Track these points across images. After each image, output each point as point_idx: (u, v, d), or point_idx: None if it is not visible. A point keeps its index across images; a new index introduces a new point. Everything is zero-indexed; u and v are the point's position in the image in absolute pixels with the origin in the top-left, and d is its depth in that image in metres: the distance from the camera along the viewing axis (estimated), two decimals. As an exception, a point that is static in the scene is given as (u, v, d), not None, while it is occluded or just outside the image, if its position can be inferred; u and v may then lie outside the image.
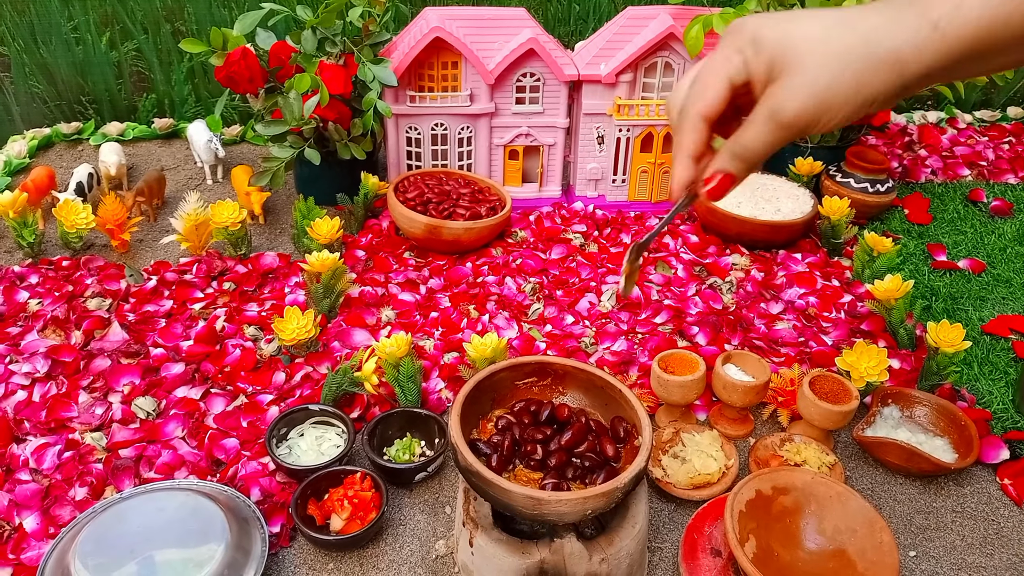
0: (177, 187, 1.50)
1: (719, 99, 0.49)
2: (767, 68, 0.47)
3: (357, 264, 1.26)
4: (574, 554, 0.70)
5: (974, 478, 0.91)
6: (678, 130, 0.51)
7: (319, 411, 0.92)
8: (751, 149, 0.49)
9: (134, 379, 0.99)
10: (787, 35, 0.46)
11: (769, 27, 0.46)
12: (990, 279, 1.27)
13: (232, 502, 0.81)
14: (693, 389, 0.91)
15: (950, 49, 0.43)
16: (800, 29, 0.45)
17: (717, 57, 0.48)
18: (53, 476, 0.87)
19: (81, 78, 1.89)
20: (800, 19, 0.46)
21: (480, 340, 0.96)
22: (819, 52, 0.45)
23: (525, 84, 1.36)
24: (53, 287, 1.17)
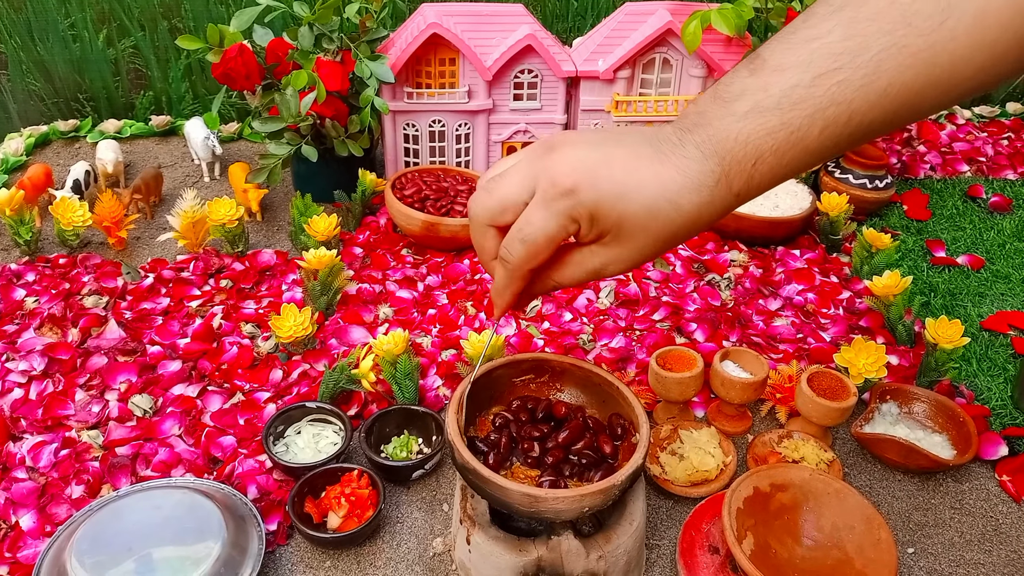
0: (174, 184, 1.50)
1: (549, 256, 0.55)
2: (598, 234, 0.53)
3: (355, 261, 1.26)
4: (571, 552, 0.70)
5: (972, 474, 0.91)
6: (506, 276, 0.56)
7: (316, 409, 0.92)
8: (564, 285, 0.58)
9: (131, 377, 0.99)
10: (623, 215, 0.51)
11: (607, 205, 0.50)
12: (989, 275, 1.27)
13: (229, 500, 0.80)
14: (691, 386, 0.91)
15: (745, 201, 0.53)
16: (634, 206, 0.50)
17: (554, 223, 0.52)
18: (49, 474, 0.86)
19: (78, 75, 1.89)
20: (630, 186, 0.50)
21: (477, 338, 0.96)
22: (648, 231, 0.51)
23: (523, 80, 1.36)
24: (50, 285, 1.17)
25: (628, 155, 0.51)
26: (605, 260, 0.54)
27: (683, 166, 0.50)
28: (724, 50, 1.35)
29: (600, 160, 0.51)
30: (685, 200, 0.50)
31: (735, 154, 0.48)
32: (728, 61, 1.35)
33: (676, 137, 0.51)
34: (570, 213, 0.51)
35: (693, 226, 0.52)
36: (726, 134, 0.49)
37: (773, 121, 0.47)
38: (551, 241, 0.53)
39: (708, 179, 0.49)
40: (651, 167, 0.50)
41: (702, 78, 1.36)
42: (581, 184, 0.50)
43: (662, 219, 0.51)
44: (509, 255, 0.54)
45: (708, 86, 1.38)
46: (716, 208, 0.51)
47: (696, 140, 0.50)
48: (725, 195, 0.50)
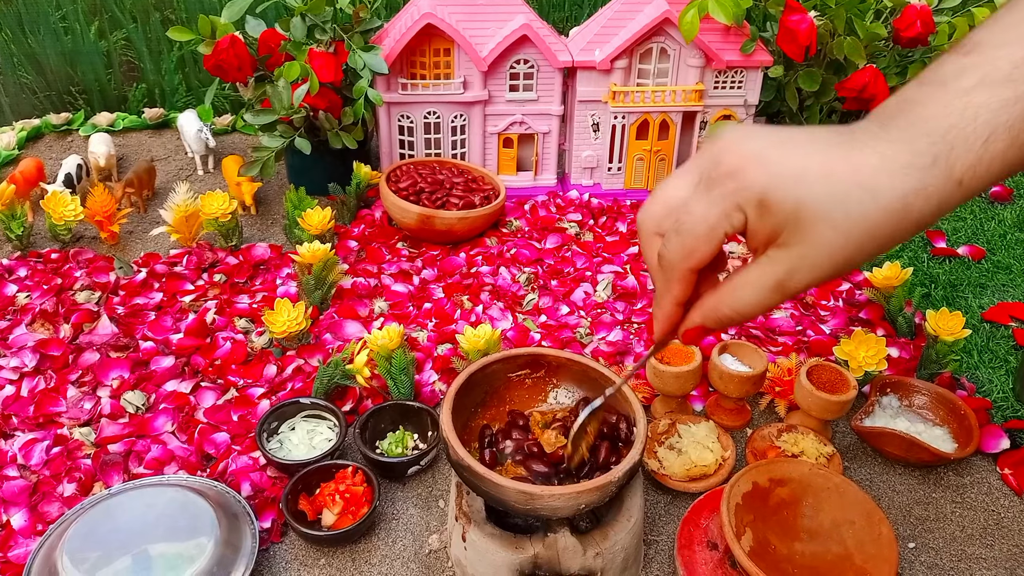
0: (168, 178, 1.48)
1: (712, 254, 0.44)
2: (771, 230, 0.41)
3: (349, 255, 1.24)
4: (568, 549, 0.69)
5: (974, 468, 0.90)
6: (664, 280, 0.46)
7: (310, 404, 0.91)
8: (744, 314, 0.45)
9: (123, 373, 0.98)
10: (800, 202, 0.40)
11: (780, 188, 0.40)
12: (990, 266, 1.26)
13: (222, 498, 0.80)
14: (689, 380, 0.90)
15: (972, 194, 0.41)
16: (813, 191, 0.40)
17: (715, 210, 0.42)
18: (41, 472, 0.85)
19: (70, 68, 1.87)
20: (810, 168, 0.40)
21: (473, 331, 0.95)
22: (837, 223, 0.40)
23: (519, 71, 1.34)
24: (42, 280, 1.16)
25: (809, 139, 0.41)
26: (788, 267, 0.42)
27: (885, 150, 0.40)
28: (722, 39, 1.34)
29: (774, 142, 0.41)
30: (886, 185, 0.39)
31: (960, 129, 0.39)
32: (726, 50, 1.34)
33: (876, 126, 0.41)
34: (735, 198, 0.41)
35: (900, 221, 0.40)
36: (946, 111, 0.39)
37: (1006, 93, 0.38)
38: (711, 232, 0.43)
39: (919, 159, 0.39)
40: (839, 151, 0.40)
41: (700, 67, 1.35)
42: (748, 164, 0.41)
43: (854, 209, 0.39)
44: (665, 252, 0.45)
45: (705, 75, 1.36)
46: (932, 198, 0.39)
47: (903, 123, 0.40)
48: (943, 182, 0.39)
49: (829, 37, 1.40)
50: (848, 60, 1.39)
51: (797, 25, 1.33)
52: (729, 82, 1.38)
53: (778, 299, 0.43)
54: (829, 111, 1.48)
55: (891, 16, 1.41)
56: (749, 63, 1.36)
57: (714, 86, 1.38)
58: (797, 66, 1.44)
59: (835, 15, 1.37)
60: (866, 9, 1.39)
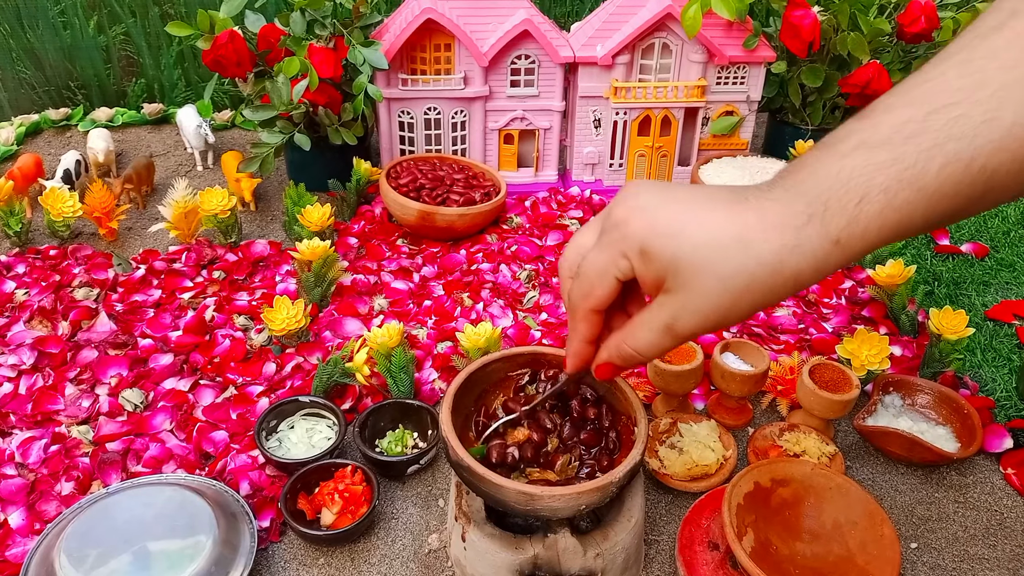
0: (167, 174, 1.48)
1: (607, 296, 0.49)
2: (656, 277, 0.45)
3: (349, 252, 1.24)
4: (568, 549, 0.69)
5: (977, 468, 0.89)
6: (572, 318, 0.52)
7: (309, 403, 0.91)
8: (642, 352, 0.49)
9: (122, 371, 0.98)
10: (678, 252, 0.43)
11: (657, 238, 0.43)
12: (993, 263, 1.25)
13: (220, 497, 0.79)
14: (691, 378, 0.89)
15: (854, 255, 0.42)
16: (690, 241, 0.42)
17: (603, 256, 0.47)
18: (39, 471, 0.85)
19: (69, 63, 1.86)
20: (691, 222, 0.43)
21: (473, 329, 0.94)
22: (713, 273, 0.42)
23: (520, 67, 1.33)
24: (40, 277, 1.15)
25: (696, 196, 0.44)
26: (672, 312, 0.45)
27: (764, 207, 0.42)
28: (724, 35, 1.33)
29: (663, 197, 0.45)
30: (760, 239, 0.41)
31: (834, 191, 0.40)
32: (729, 46, 1.33)
33: (766, 185, 0.44)
34: (620, 246, 0.46)
35: (775, 276, 0.42)
36: (824, 173, 0.41)
37: (882, 156, 0.40)
38: (602, 276, 0.47)
39: (793, 219, 0.41)
40: (723, 207, 0.43)
41: (702, 63, 1.34)
42: (633, 217, 0.45)
43: (730, 261, 0.42)
44: (570, 294, 0.51)
45: (708, 71, 1.35)
46: (807, 255, 0.41)
47: (787, 184, 0.42)
48: (819, 240, 0.41)
49: (833, 32, 1.39)
50: (852, 56, 1.38)
51: (800, 20, 1.32)
52: (732, 78, 1.37)
53: (670, 341, 0.47)
54: (832, 107, 1.47)
55: (895, 11, 1.40)
56: (752, 59, 1.35)
57: (716, 82, 1.37)
58: (800, 62, 1.43)
59: (839, 10, 1.36)
60: (870, 4, 1.38)
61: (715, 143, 1.43)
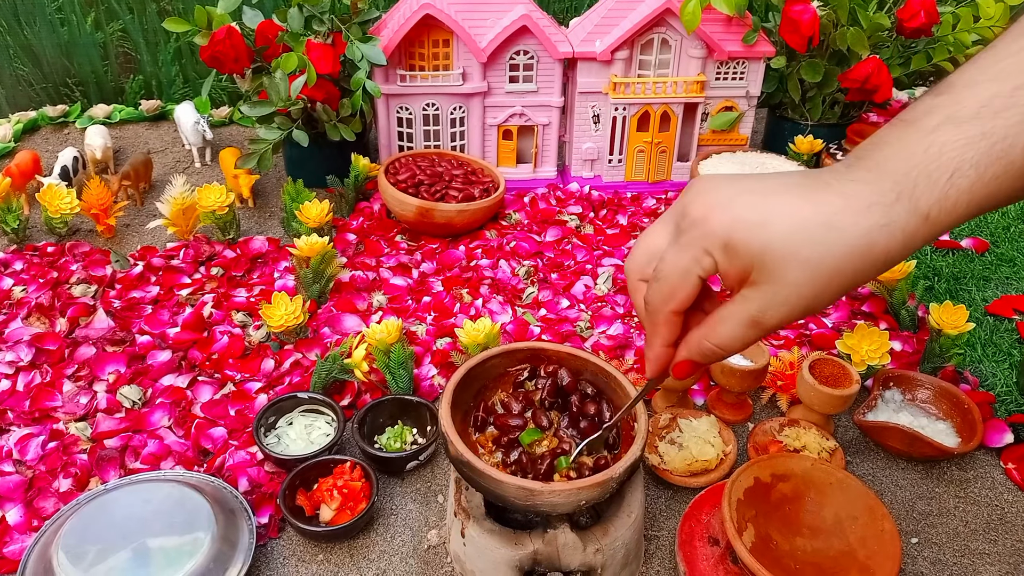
0: (165, 170, 1.47)
1: (690, 297, 0.47)
2: (741, 271, 0.44)
3: (348, 248, 1.23)
4: (568, 545, 0.68)
5: (977, 463, 0.89)
6: (651, 323, 0.49)
7: (308, 399, 0.90)
8: (725, 348, 0.47)
9: (119, 367, 0.97)
10: (765, 243, 0.42)
11: (743, 231, 0.42)
12: (993, 258, 1.25)
13: (219, 493, 0.79)
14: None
15: (941, 230, 0.41)
16: (777, 231, 0.42)
17: (685, 256, 0.45)
18: (37, 467, 0.85)
19: (67, 59, 1.86)
20: (774, 211, 0.42)
21: (472, 325, 0.94)
22: (803, 261, 0.41)
23: (519, 62, 1.33)
24: (38, 274, 1.15)
25: (772, 185, 0.43)
26: (760, 305, 0.44)
27: (848, 189, 0.41)
28: (724, 30, 1.33)
29: (740, 188, 0.44)
30: (849, 222, 0.40)
31: (924, 167, 0.40)
32: (728, 41, 1.33)
33: (843, 166, 0.43)
34: (702, 244, 0.44)
35: (865, 257, 0.41)
36: (911, 150, 0.40)
37: (972, 131, 0.39)
38: (684, 277, 0.45)
39: (882, 197, 0.40)
40: (806, 193, 0.42)
41: (701, 59, 1.33)
42: (713, 211, 0.43)
43: (820, 247, 0.41)
44: (648, 298, 0.48)
45: (707, 66, 1.35)
46: (896, 234, 0.40)
47: (868, 164, 0.42)
48: (908, 217, 0.40)
49: (832, 27, 1.38)
50: (851, 51, 1.38)
51: (800, 15, 1.32)
52: (731, 73, 1.37)
53: (755, 334, 0.45)
54: (832, 102, 1.47)
55: (894, 6, 1.39)
56: (751, 54, 1.35)
57: (716, 77, 1.37)
58: (800, 57, 1.42)
59: (838, 5, 1.36)
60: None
61: (714, 139, 1.43)
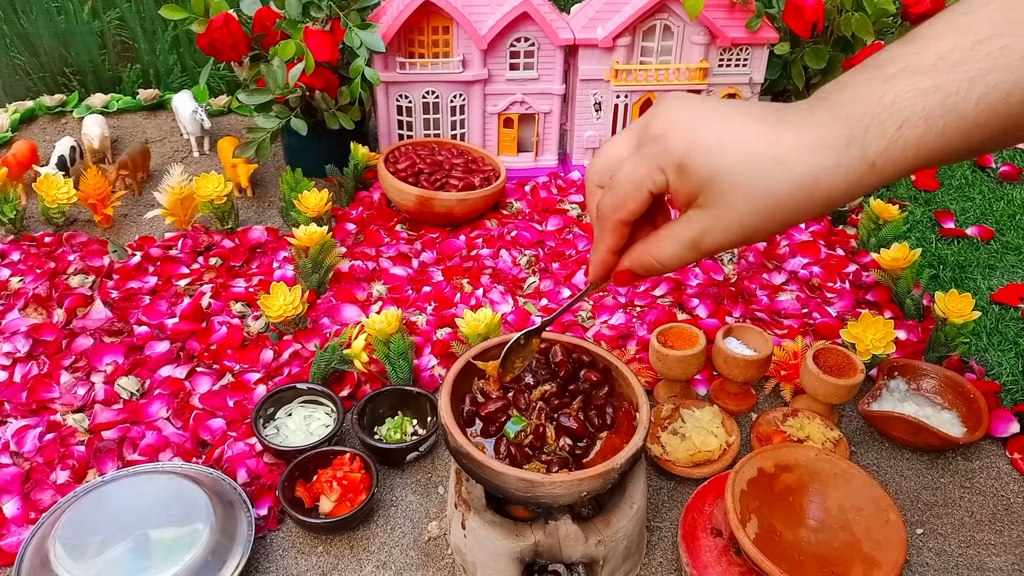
0: (163, 160, 1.46)
1: (639, 209, 0.49)
2: (690, 192, 0.45)
3: (347, 238, 1.22)
4: (569, 536, 0.68)
5: (983, 452, 0.88)
6: (599, 229, 0.52)
7: (307, 390, 0.90)
8: (664, 264, 0.50)
9: (117, 358, 0.97)
10: (716, 167, 0.43)
11: (698, 154, 0.44)
12: (999, 247, 1.24)
13: (217, 485, 0.78)
14: (693, 364, 0.88)
15: (887, 179, 0.43)
16: (729, 159, 0.43)
17: (639, 169, 0.47)
18: (34, 459, 0.84)
19: (64, 49, 1.84)
20: (730, 139, 0.43)
21: (473, 315, 0.93)
22: (749, 191, 0.43)
23: (519, 49, 1.31)
24: (35, 264, 1.14)
25: (739, 113, 0.44)
26: (701, 227, 0.46)
27: (803, 125, 0.42)
28: (727, 16, 1.31)
29: (704, 112, 0.45)
30: (799, 160, 0.42)
31: (876, 115, 0.41)
32: (731, 27, 1.31)
33: (805, 105, 0.44)
34: (657, 160, 0.45)
35: (810, 196, 0.42)
36: (867, 96, 0.41)
37: (926, 82, 0.40)
38: (636, 189, 0.47)
39: (832, 141, 0.41)
40: (763, 126, 0.43)
41: (704, 45, 1.32)
42: (673, 130, 0.45)
43: (767, 180, 0.42)
44: (600, 205, 0.50)
45: (710, 53, 1.33)
46: (842, 177, 0.42)
47: (828, 105, 0.43)
48: (856, 163, 0.41)
49: (836, 13, 1.36)
50: (856, 36, 1.36)
51: (804, 1, 1.30)
52: (734, 60, 1.35)
53: (693, 255, 0.48)
54: (836, 89, 1.45)
55: (900, -9, 1.38)
56: (755, 40, 1.33)
57: (719, 64, 1.35)
58: (804, 43, 1.41)
59: (843, -10, 1.34)
60: (874, -16, 1.35)
61: (717, 126, 1.41)
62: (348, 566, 0.75)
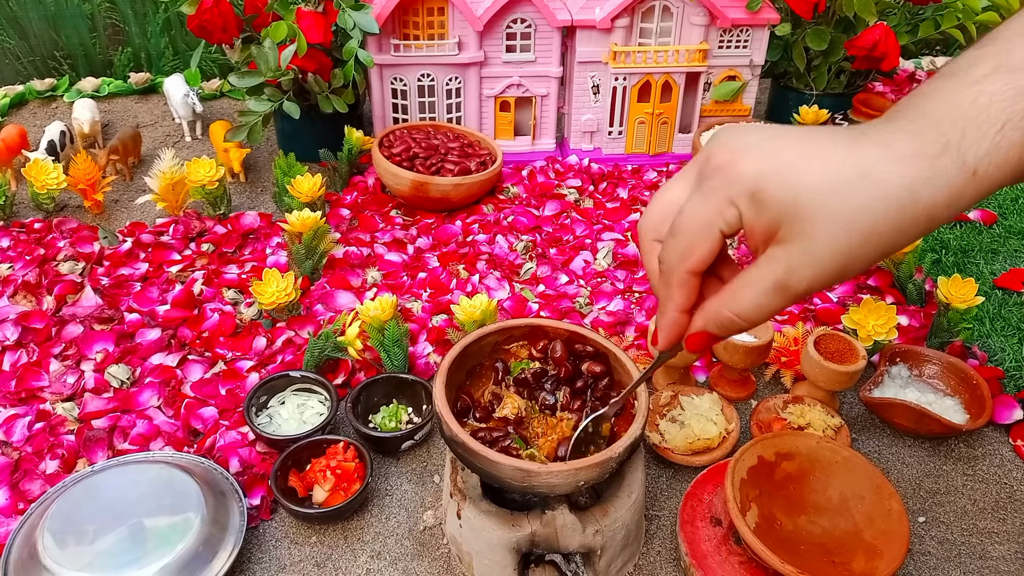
0: (155, 144, 1.44)
1: (711, 253, 0.42)
2: (769, 226, 0.39)
3: (342, 223, 1.21)
4: (566, 526, 0.67)
5: (986, 439, 0.87)
6: (664, 286, 0.44)
7: (301, 378, 0.88)
8: (746, 317, 0.42)
9: (107, 346, 0.95)
10: (796, 193, 0.38)
11: (773, 179, 0.38)
12: (1002, 231, 1.22)
13: (209, 474, 0.77)
14: (692, 350, 0.86)
15: (989, 188, 0.38)
16: (809, 180, 0.37)
17: (707, 206, 0.40)
18: (23, 449, 0.83)
19: (54, 32, 1.81)
20: (806, 162, 0.38)
21: (469, 302, 0.92)
22: (837, 215, 0.37)
23: (516, 31, 1.29)
24: (24, 251, 1.12)
25: (807, 133, 0.39)
26: (787, 265, 0.39)
27: (890, 139, 0.38)
28: (727, -4, 1.29)
29: (768, 137, 0.40)
30: (889, 174, 0.37)
31: (972, 118, 0.37)
32: (732, 8, 1.29)
33: (881, 120, 0.39)
34: (727, 192, 0.39)
35: (907, 213, 0.37)
36: (957, 99, 0.37)
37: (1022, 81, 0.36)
38: (706, 230, 0.41)
39: (927, 148, 0.37)
40: (839, 142, 0.38)
41: (704, 26, 1.29)
42: (739, 157, 0.39)
43: (856, 199, 0.37)
44: (663, 255, 0.43)
45: (710, 34, 1.31)
46: (942, 188, 0.37)
47: (912, 114, 0.38)
48: (955, 171, 0.36)
49: (839, -7, 1.34)
50: (858, 17, 1.34)
51: (806, -20, 1.28)
52: (734, 41, 1.33)
53: (780, 301, 0.41)
54: (838, 71, 1.43)
55: (904, -29, 1.35)
56: (755, 21, 1.31)
57: (719, 45, 1.33)
58: (805, 24, 1.38)
59: (845, -30, 1.32)
60: (878, -37, 1.33)
61: (717, 109, 1.39)
62: (342, 556, 0.74)
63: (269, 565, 0.74)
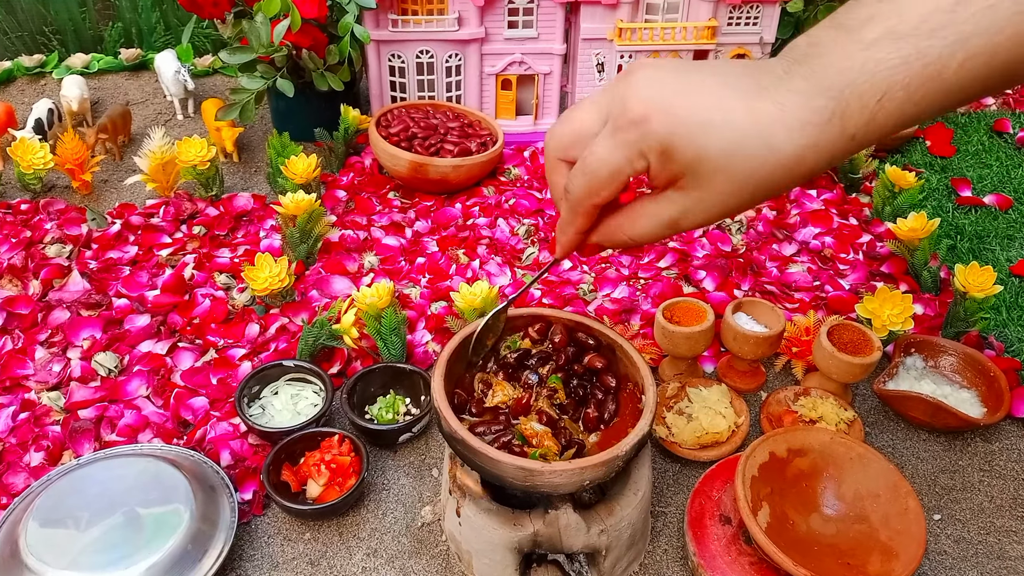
0: (145, 123, 1.40)
1: (615, 194, 0.48)
2: (671, 175, 0.45)
3: (337, 206, 1.17)
4: (570, 526, 0.64)
5: (1003, 434, 0.84)
6: (569, 211, 0.50)
7: (294, 367, 0.85)
8: (637, 241, 0.50)
9: (95, 333, 0.92)
10: (702, 151, 0.42)
11: (682, 140, 0.42)
12: (1018, 216, 1.19)
13: (198, 468, 0.74)
14: (701, 340, 0.83)
15: (862, 148, 0.43)
16: (715, 141, 0.42)
17: (618, 155, 0.45)
18: (6, 440, 0.80)
19: (43, 7, 1.76)
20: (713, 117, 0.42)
21: (469, 288, 0.88)
22: (733, 173, 0.43)
23: (518, 6, 1.25)
24: (10, 233, 1.09)
25: (717, 84, 0.43)
26: (682, 208, 0.46)
27: (785, 100, 0.41)
28: (738, -30, 1.24)
29: (682, 87, 0.43)
30: (782, 139, 0.41)
31: (857, 87, 0.40)
32: (742, -17, 1.24)
33: (781, 69, 0.42)
34: (639, 146, 0.44)
35: (791, 173, 0.43)
36: (847, 64, 0.40)
37: (907, 49, 0.39)
38: (614, 176, 0.46)
39: (815, 116, 0.41)
40: (744, 99, 0.42)
41: (713, 2, 1.25)
42: (654, 113, 0.43)
43: (751, 161, 0.42)
44: (571, 187, 0.48)
45: (719, 10, 1.27)
46: (823, 153, 0.42)
47: (805, 72, 0.41)
48: (836, 137, 0.41)
49: (853, -32, 1.29)
50: (873, -7, 1.29)
51: (819, -46, 1.23)
52: (744, 18, 1.29)
53: (668, 233, 0.48)
54: (850, 50, 1.39)
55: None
56: (766, -3, 1.26)
57: (728, 22, 1.29)
58: (817, 0, 1.34)
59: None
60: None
61: (725, 89, 1.35)
62: (337, 553, 0.72)
63: (261, 563, 0.71)
